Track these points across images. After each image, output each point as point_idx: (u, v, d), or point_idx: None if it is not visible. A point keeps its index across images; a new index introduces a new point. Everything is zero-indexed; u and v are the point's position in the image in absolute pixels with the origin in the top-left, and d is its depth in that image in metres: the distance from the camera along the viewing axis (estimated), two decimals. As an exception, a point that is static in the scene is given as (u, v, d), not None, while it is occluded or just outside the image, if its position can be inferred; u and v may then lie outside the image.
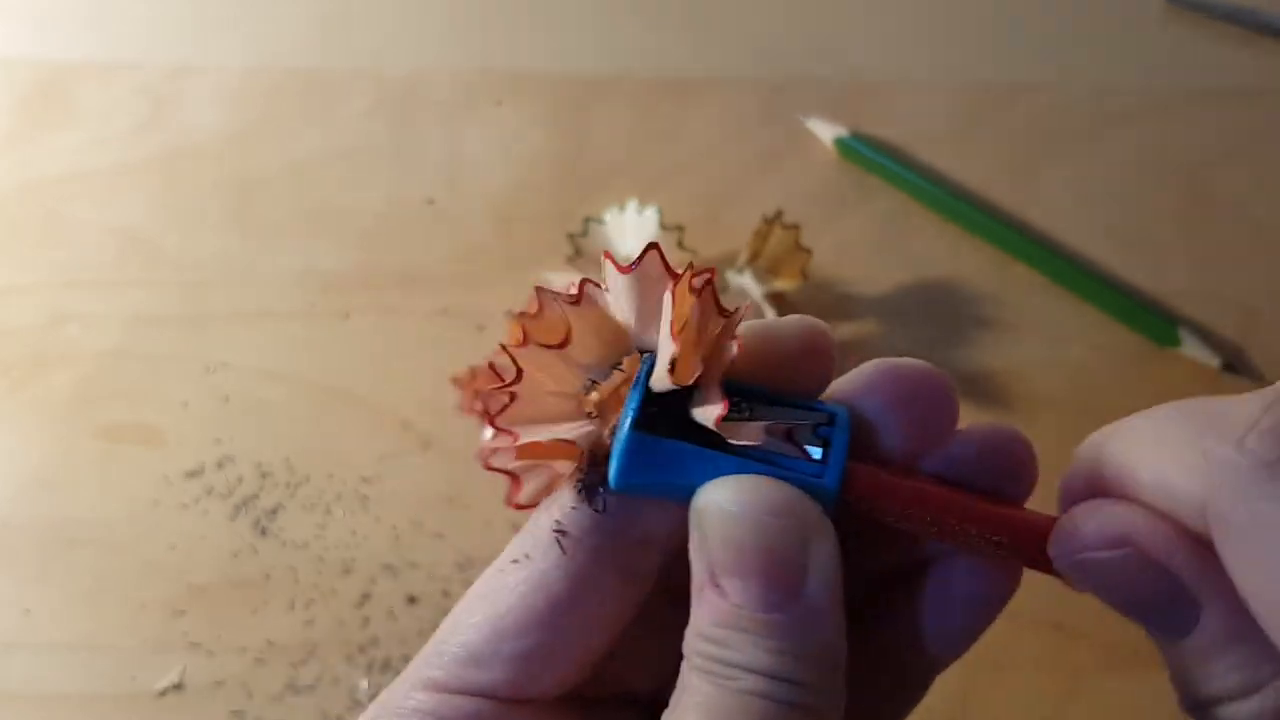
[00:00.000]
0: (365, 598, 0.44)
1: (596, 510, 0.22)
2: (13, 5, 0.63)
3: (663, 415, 0.21)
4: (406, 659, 0.42)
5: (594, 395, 0.22)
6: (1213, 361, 0.50)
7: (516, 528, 0.45)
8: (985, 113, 0.60)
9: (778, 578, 0.20)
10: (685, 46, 0.63)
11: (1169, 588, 0.20)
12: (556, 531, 0.22)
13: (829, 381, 0.23)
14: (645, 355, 0.22)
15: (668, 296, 0.21)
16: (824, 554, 0.21)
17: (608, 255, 0.22)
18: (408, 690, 0.22)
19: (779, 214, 0.50)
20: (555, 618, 0.22)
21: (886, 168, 0.57)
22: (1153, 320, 0.51)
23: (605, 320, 0.22)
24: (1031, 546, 0.22)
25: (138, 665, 0.42)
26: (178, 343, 0.51)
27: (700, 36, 0.63)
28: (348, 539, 0.45)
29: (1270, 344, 0.51)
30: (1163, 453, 0.20)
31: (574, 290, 0.22)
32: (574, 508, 0.22)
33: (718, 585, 0.21)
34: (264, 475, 0.47)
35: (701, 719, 0.20)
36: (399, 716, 0.22)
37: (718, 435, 0.21)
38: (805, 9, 0.65)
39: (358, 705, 0.41)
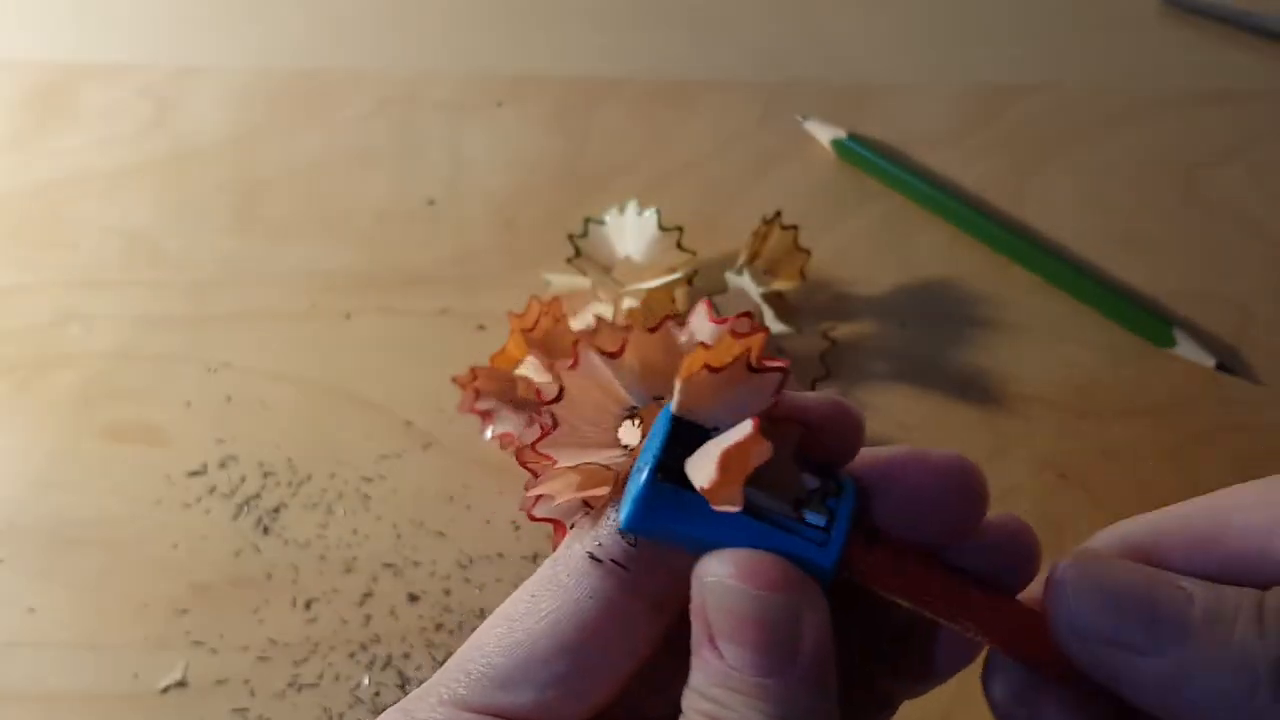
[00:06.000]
0: (367, 596, 0.44)
1: (629, 542, 0.22)
2: (17, 7, 0.63)
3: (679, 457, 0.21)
4: (408, 656, 0.43)
5: (637, 423, 0.22)
6: (1207, 362, 0.50)
7: (517, 527, 0.46)
8: (982, 114, 0.61)
9: (771, 647, 0.21)
10: (685, 49, 0.63)
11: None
12: (591, 558, 0.22)
13: (852, 457, 0.23)
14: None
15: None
16: (816, 625, 0.21)
17: (708, 303, 0.22)
18: (433, 704, 0.23)
19: (778, 215, 0.50)
20: (585, 644, 0.22)
21: (884, 169, 0.57)
22: (1148, 321, 0.51)
23: (658, 350, 0.22)
24: (1021, 644, 0.22)
25: (141, 663, 0.42)
26: (181, 343, 0.51)
27: (700, 40, 0.64)
28: (349, 538, 0.46)
29: (1264, 344, 0.52)
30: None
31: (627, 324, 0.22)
32: (607, 536, 0.22)
33: (715, 647, 0.21)
34: (266, 475, 0.47)
35: None
36: None
37: None
38: (803, 13, 0.66)
39: (359, 703, 0.42)
